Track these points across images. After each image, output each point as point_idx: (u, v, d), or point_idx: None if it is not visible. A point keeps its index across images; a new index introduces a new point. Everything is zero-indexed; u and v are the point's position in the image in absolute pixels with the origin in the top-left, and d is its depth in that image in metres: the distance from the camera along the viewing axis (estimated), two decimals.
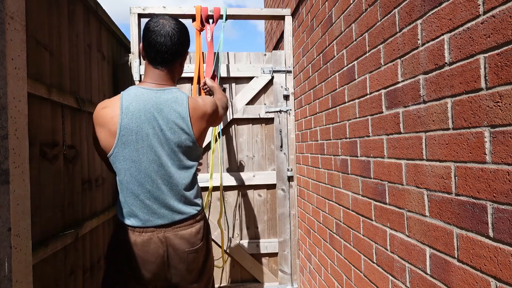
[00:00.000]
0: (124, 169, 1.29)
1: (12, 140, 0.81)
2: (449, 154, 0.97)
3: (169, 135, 1.30)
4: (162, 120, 1.30)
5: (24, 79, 0.86)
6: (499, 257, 0.80)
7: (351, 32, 1.63)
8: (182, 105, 1.33)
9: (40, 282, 1.42)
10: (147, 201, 1.30)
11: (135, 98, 1.31)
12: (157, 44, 1.32)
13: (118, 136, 1.27)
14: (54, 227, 1.58)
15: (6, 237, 0.77)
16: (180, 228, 1.33)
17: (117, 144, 1.28)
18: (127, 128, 1.27)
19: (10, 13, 0.82)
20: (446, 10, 0.97)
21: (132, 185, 1.29)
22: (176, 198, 1.33)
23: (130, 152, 1.28)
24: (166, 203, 1.31)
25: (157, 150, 1.29)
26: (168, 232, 1.32)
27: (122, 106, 1.29)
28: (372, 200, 1.43)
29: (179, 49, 1.37)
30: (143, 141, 1.28)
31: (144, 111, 1.29)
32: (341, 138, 1.77)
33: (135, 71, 2.61)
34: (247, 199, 2.85)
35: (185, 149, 1.34)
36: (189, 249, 1.34)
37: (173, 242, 1.32)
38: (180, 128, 1.32)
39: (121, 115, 1.28)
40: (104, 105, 1.33)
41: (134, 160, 1.28)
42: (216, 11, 2.69)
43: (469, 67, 0.89)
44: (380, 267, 1.37)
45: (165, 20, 1.35)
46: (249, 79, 2.81)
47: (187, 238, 1.34)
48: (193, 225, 1.37)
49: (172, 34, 1.33)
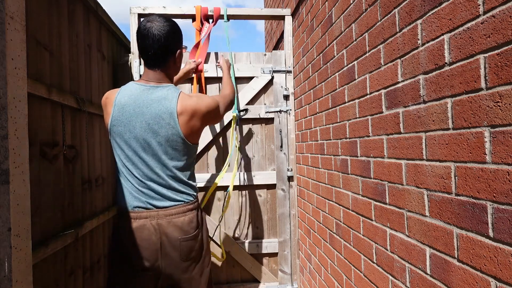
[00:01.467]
0: (119, 153, 1.40)
1: (12, 140, 0.81)
2: (449, 154, 0.97)
3: (156, 129, 1.36)
4: (150, 115, 1.36)
5: (24, 79, 0.86)
6: (499, 257, 0.80)
7: (351, 32, 1.63)
8: (171, 101, 1.38)
9: (40, 282, 1.42)
10: (143, 180, 1.38)
11: (129, 93, 1.40)
12: (146, 47, 1.39)
13: (110, 126, 1.40)
14: (54, 227, 1.58)
15: (6, 237, 0.77)
16: (173, 216, 1.38)
17: (111, 133, 1.41)
18: (117, 120, 1.38)
19: (10, 13, 0.82)
20: (446, 10, 0.97)
21: (129, 166, 1.39)
22: (167, 184, 1.39)
23: (122, 140, 1.38)
24: (161, 183, 1.39)
25: (146, 138, 1.37)
26: (161, 219, 1.36)
27: (116, 99, 1.40)
28: (372, 200, 1.43)
29: (168, 49, 1.42)
30: (131, 133, 1.37)
31: (134, 106, 1.37)
32: (341, 138, 1.77)
33: (135, 71, 2.61)
34: (247, 199, 2.85)
35: (174, 144, 1.39)
36: (182, 237, 1.37)
37: (166, 230, 1.36)
38: (167, 123, 1.36)
39: (114, 108, 1.39)
40: (106, 95, 1.47)
41: (127, 146, 1.38)
42: (216, 11, 2.69)
43: (469, 67, 0.89)
44: (380, 267, 1.37)
45: (152, 22, 1.38)
46: (249, 79, 2.81)
47: (179, 226, 1.38)
48: (186, 214, 1.41)
49: (158, 36, 1.37)
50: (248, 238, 2.84)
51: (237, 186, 2.82)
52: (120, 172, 1.42)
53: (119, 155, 1.40)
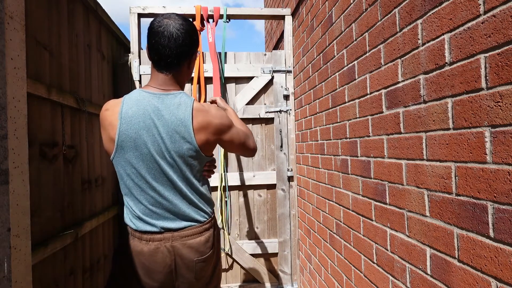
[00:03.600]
0: (125, 174, 1.24)
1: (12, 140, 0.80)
2: (449, 154, 0.97)
3: (169, 144, 1.21)
4: (162, 128, 1.20)
5: (23, 79, 0.86)
6: (500, 258, 0.80)
7: (351, 32, 1.63)
8: (185, 111, 1.22)
9: (39, 283, 1.42)
10: (150, 207, 1.24)
11: (136, 103, 1.22)
12: (160, 47, 1.21)
13: (117, 141, 1.21)
14: (54, 227, 1.58)
15: (5, 237, 0.77)
16: (188, 238, 1.27)
17: (117, 149, 1.22)
18: (125, 134, 1.20)
19: (10, 13, 0.81)
20: (446, 9, 0.97)
21: (134, 191, 1.24)
22: (181, 204, 1.26)
23: (130, 158, 1.22)
24: (171, 209, 1.25)
25: (156, 159, 1.21)
26: (175, 241, 1.26)
27: (121, 111, 1.21)
28: (372, 200, 1.43)
29: (185, 51, 1.25)
30: (141, 149, 1.21)
31: (143, 117, 1.21)
32: (341, 138, 1.77)
33: (135, 71, 2.61)
34: (247, 199, 2.85)
35: (187, 160, 1.24)
36: (197, 259, 1.28)
37: (181, 252, 1.26)
38: (182, 136, 1.21)
39: (120, 120, 1.21)
40: (106, 107, 1.27)
41: (134, 167, 1.22)
42: (216, 11, 2.69)
43: (470, 67, 0.89)
44: (381, 267, 1.37)
45: (170, 20, 1.23)
46: (249, 79, 2.81)
47: (195, 247, 1.28)
48: (202, 234, 1.30)
49: (176, 35, 1.21)
50: (248, 238, 2.84)
51: (237, 186, 2.82)
52: (127, 191, 1.26)
53: (129, 174, 1.24)
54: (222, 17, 2.71)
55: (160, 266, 1.25)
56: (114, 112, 1.23)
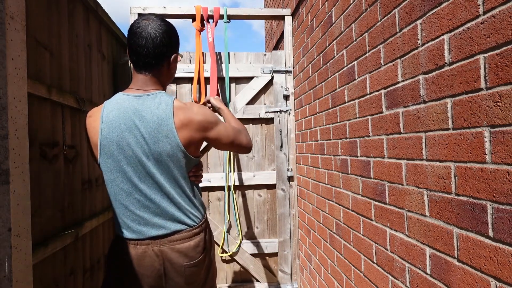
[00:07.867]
0: (110, 179, 1.23)
1: (12, 140, 0.81)
2: (449, 154, 0.97)
3: (152, 144, 1.19)
4: (144, 128, 1.19)
5: (24, 79, 0.86)
6: (499, 257, 0.80)
7: (351, 32, 1.63)
8: (165, 109, 1.21)
9: (40, 282, 1.42)
10: (137, 211, 1.22)
11: (116, 106, 1.22)
12: (138, 47, 1.22)
13: (100, 147, 1.21)
14: (54, 227, 1.58)
15: (6, 237, 0.77)
16: (177, 242, 1.24)
17: (101, 155, 1.22)
18: (107, 138, 1.20)
19: (10, 13, 0.82)
20: (446, 10, 0.97)
21: (120, 196, 1.23)
22: (168, 208, 1.24)
23: (114, 163, 1.21)
24: (158, 213, 1.23)
25: (142, 160, 1.20)
26: (164, 245, 1.23)
27: (102, 116, 1.21)
28: (372, 200, 1.43)
29: (163, 51, 1.25)
30: (126, 151, 1.20)
31: (124, 119, 1.20)
32: (341, 138, 1.77)
33: None
34: (247, 199, 2.85)
35: (174, 160, 1.23)
36: (187, 263, 1.26)
37: (170, 256, 1.24)
38: (164, 135, 1.20)
39: (101, 125, 1.21)
40: (90, 114, 1.27)
41: (119, 171, 1.21)
42: (216, 11, 2.69)
43: (469, 67, 0.89)
44: (380, 267, 1.37)
45: (148, 21, 1.24)
46: (249, 79, 2.82)
47: (184, 252, 1.25)
48: (192, 238, 1.27)
49: (154, 35, 1.22)
50: (248, 238, 2.84)
51: (237, 186, 2.82)
52: (114, 198, 1.24)
53: (114, 179, 1.22)
54: (222, 17, 2.71)
55: (148, 270, 1.23)
56: (97, 118, 1.24)
